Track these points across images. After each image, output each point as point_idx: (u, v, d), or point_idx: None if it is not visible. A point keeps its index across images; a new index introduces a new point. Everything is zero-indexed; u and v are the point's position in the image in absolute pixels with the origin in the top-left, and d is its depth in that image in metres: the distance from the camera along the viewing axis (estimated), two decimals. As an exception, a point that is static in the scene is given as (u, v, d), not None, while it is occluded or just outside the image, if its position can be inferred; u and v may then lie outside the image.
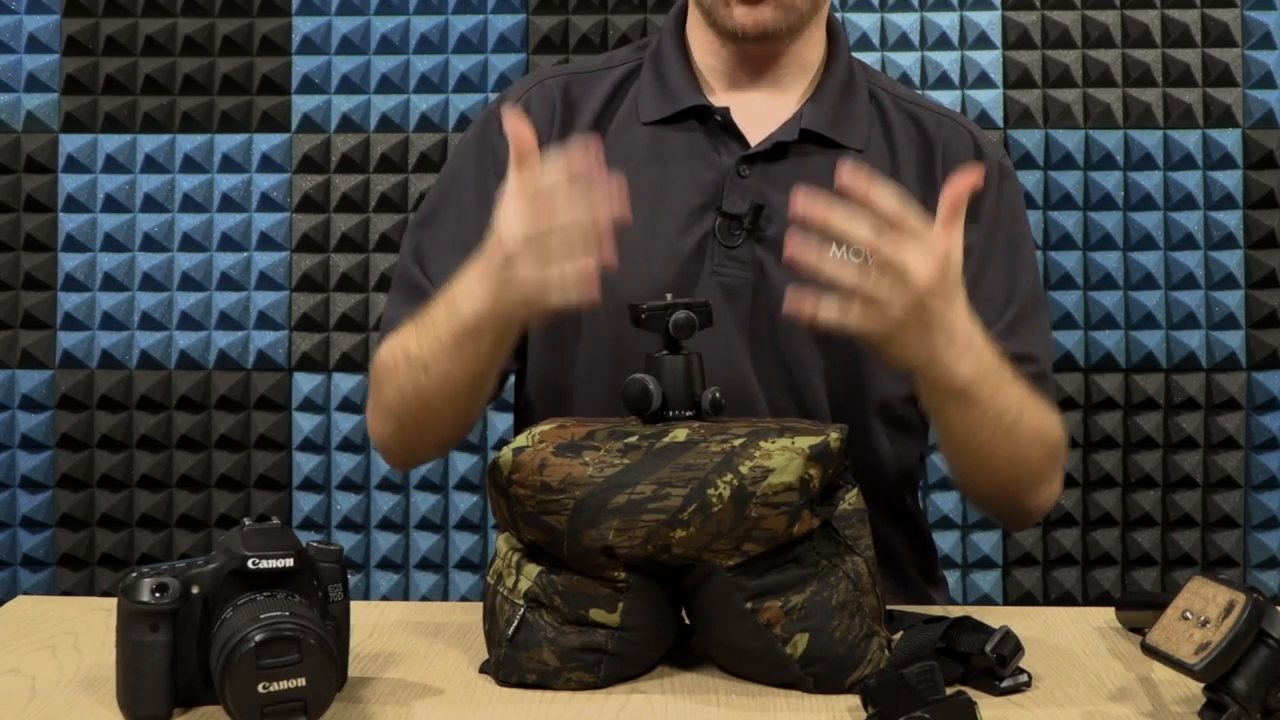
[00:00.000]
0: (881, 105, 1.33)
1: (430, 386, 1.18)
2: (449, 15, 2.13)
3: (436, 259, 1.29)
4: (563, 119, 1.32)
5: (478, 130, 1.36)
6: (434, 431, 1.27)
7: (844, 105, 1.31)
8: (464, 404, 1.22)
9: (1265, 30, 2.05)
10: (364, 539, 2.14)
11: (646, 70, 1.34)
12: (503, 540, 1.04)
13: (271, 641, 0.86)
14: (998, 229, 1.30)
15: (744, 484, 0.94)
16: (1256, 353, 2.05)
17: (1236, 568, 2.06)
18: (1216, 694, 0.88)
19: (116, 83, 2.14)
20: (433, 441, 1.31)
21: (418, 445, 1.31)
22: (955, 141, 1.32)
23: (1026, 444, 1.19)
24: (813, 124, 1.28)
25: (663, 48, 1.34)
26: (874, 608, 0.99)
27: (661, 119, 1.31)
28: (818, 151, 1.29)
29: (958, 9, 2.10)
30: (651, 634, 1.00)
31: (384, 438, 1.30)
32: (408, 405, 1.22)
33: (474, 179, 1.32)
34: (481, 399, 1.24)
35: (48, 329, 2.14)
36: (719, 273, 1.26)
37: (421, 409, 1.22)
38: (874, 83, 1.35)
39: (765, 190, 1.27)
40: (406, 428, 1.26)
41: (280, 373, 2.13)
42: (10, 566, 2.15)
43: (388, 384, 1.24)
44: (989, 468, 1.20)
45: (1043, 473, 1.25)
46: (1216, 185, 2.05)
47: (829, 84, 1.31)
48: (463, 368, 1.15)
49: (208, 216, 2.14)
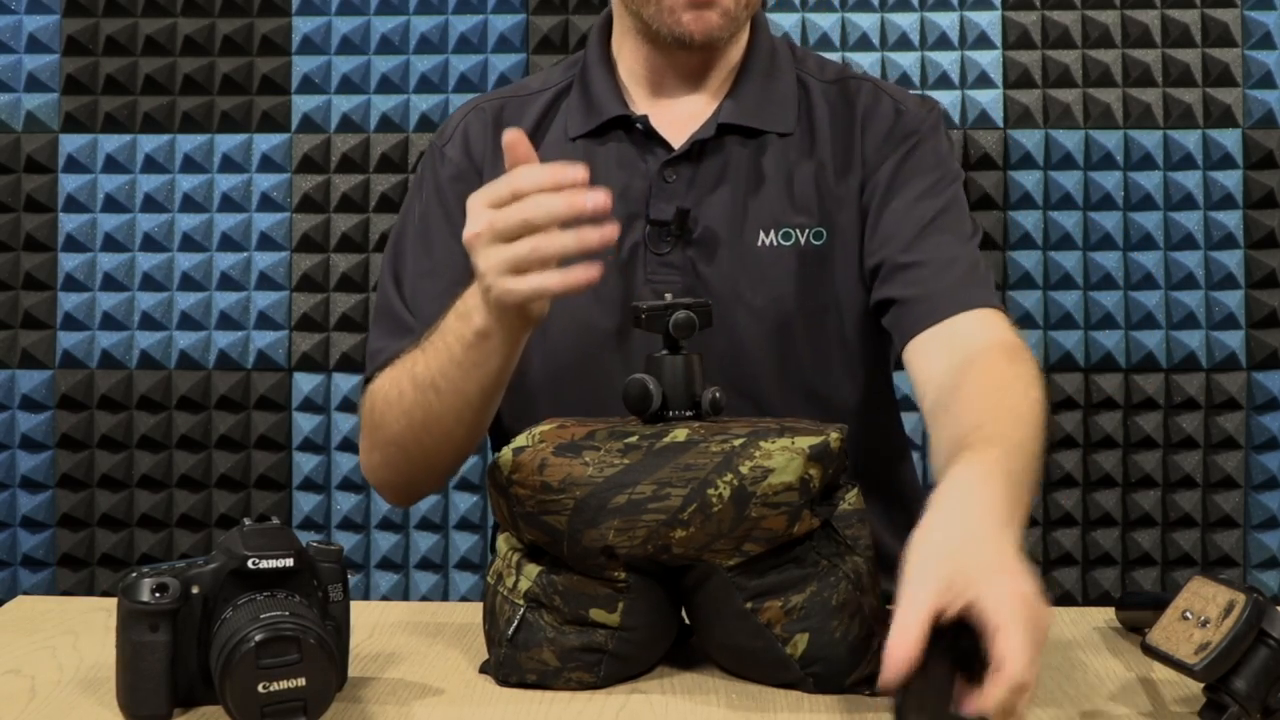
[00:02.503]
0: (807, 88, 1.34)
1: (441, 405, 1.17)
2: (449, 15, 2.13)
3: (416, 290, 1.31)
4: (494, 143, 1.33)
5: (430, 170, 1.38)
6: (442, 457, 1.25)
7: (766, 93, 1.32)
8: (474, 421, 1.20)
9: (1265, 30, 2.05)
10: (364, 539, 2.14)
11: (575, 86, 1.36)
12: (503, 540, 1.04)
13: (271, 641, 0.86)
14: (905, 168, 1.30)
15: (744, 484, 0.94)
16: (1256, 353, 2.05)
17: (1236, 568, 2.06)
18: (1216, 694, 0.88)
19: (116, 83, 2.14)
20: (439, 469, 1.28)
21: (421, 476, 1.29)
22: (876, 106, 1.32)
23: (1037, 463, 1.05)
24: (730, 117, 1.30)
25: (588, 62, 1.36)
26: (874, 608, 0.99)
27: (587, 132, 1.32)
28: (739, 143, 1.30)
29: (958, 9, 2.10)
30: (651, 634, 1.00)
31: (386, 474, 1.29)
32: (416, 432, 1.21)
33: (438, 214, 1.34)
34: (488, 416, 1.22)
35: (48, 329, 2.14)
36: (652, 280, 1.27)
37: (430, 433, 1.21)
38: (802, 67, 1.36)
39: (690, 192, 1.28)
40: (414, 457, 1.24)
41: (280, 373, 2.13)
42: (10, 566, 2.15)
43: (390, 416, 1.23)
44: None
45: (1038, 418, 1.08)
46: (1216, 185, 2.05)
47: (748, 75, 1.32)
48: (476, 381, 1.14)
49: (208, 216, 2.14)
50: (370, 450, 1.29)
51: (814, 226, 1.28)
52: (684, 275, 1.28)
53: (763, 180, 1.29)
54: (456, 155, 1.36)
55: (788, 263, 1.28)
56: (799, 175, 1.30)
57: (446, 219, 1.32)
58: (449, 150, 1.36)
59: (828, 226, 1.29)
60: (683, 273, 1.28)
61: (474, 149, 1.35)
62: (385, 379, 1.25)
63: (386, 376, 1.25)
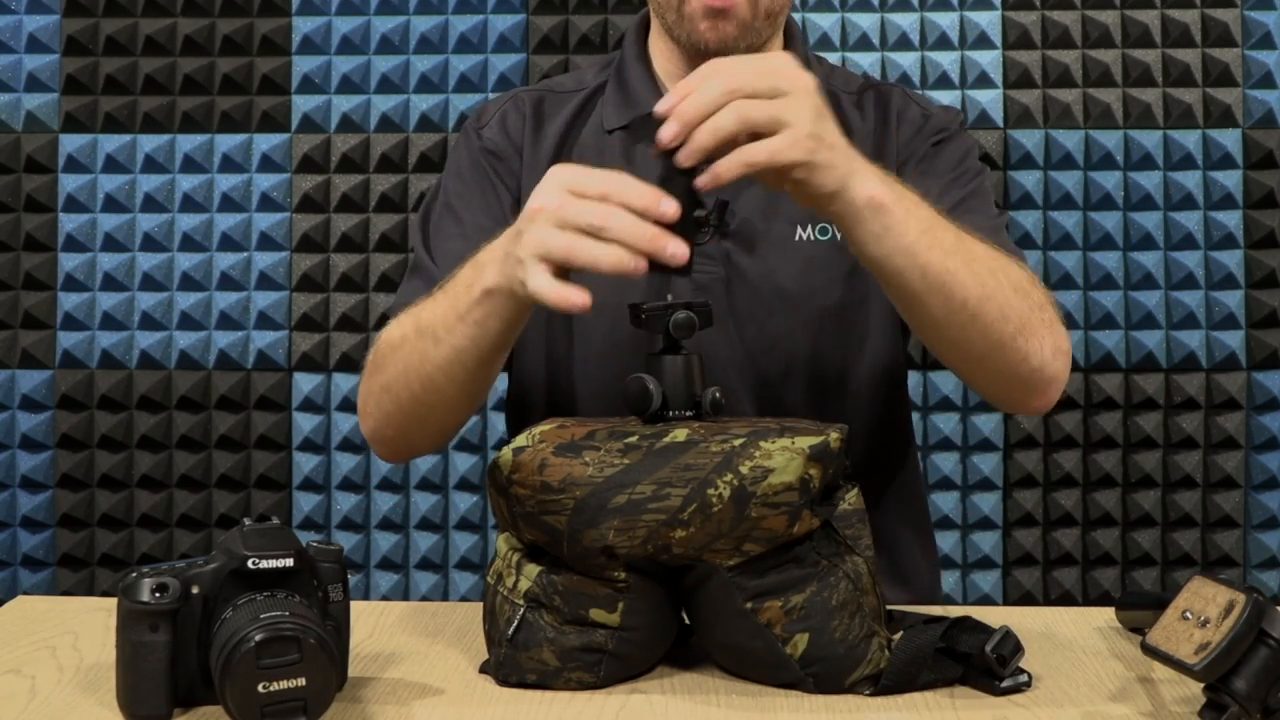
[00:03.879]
0: (836, 99, 1.37)
1: (438, 355, 1.16)
2: (449, 15, 2.13)
3: (446, 253, 1.31)
4: (533, 132, 1.38)
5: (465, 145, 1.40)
6: (432, 412, 1.23)
7: None
8: (466, 381, 1.18)
9: (1265, 30, 2.05)
10: (364, 539, 2.14)
11: (610, 82, 1.39)
12: (503, 540, 1.04)
13: (271, 641, 0.86)
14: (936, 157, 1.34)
15: (744, 484, 0.94)
16: (1256, 353, 2.05)
17: (1236, 568, 2.06)
18: (1216, 694, 0.88)
19: (116, 83, 2.14)
20: (430, 427, 1.26)
21: (414, 432, 1.27)
22: (907, 109, 1.38)
23: (985, 269, 1.12)
24: None
25: (625, 58, 1.39)
26: (874, 608, 0.99)
27: (625, 124, 1.35)
28: None
29: (958, 9, 2.10)
30: (651, 634, 1.00)
31: (378, 422, 1.27)
32: (410, 379, 1.20)
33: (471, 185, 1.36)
34: (485, 384, 1.21)
35: (48, 329, 2.14)
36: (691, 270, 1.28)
37: (423, 383, 1.19)
38: (829, 82, 1.39)
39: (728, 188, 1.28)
40: (405, 406, 1.23)
41: (280, 373, 2.13)
42: (10, 566, 2.15)
43: (390, 359, 1.22)
44: (960, 302, 1.11)
45: (1026, 312, 1.16)
46: (1216, 185, 2.05)
47: None
48: (472, 339, 1.12)
49: (208, 216, 2.14)
50: (366, 397, 1.28)
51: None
52: (722, 266, 1.31)
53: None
54: (494, 134, 1.38)
55: (824, 256, 1.32)
56: None
57: (480, 190, 1.34)
58: (486, 131, 1.39)
59: None
60: (720, 263, 1.31)
61: (512, 131, 1.38)
62: (395, 323, 1.24)
63: (396, 321, 1.24)
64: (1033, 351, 1.17)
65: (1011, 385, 1.21)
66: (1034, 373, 1.19)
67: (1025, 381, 1.20)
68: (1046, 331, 1.18)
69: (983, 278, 1.12)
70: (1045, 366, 1.19)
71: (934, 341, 1.18)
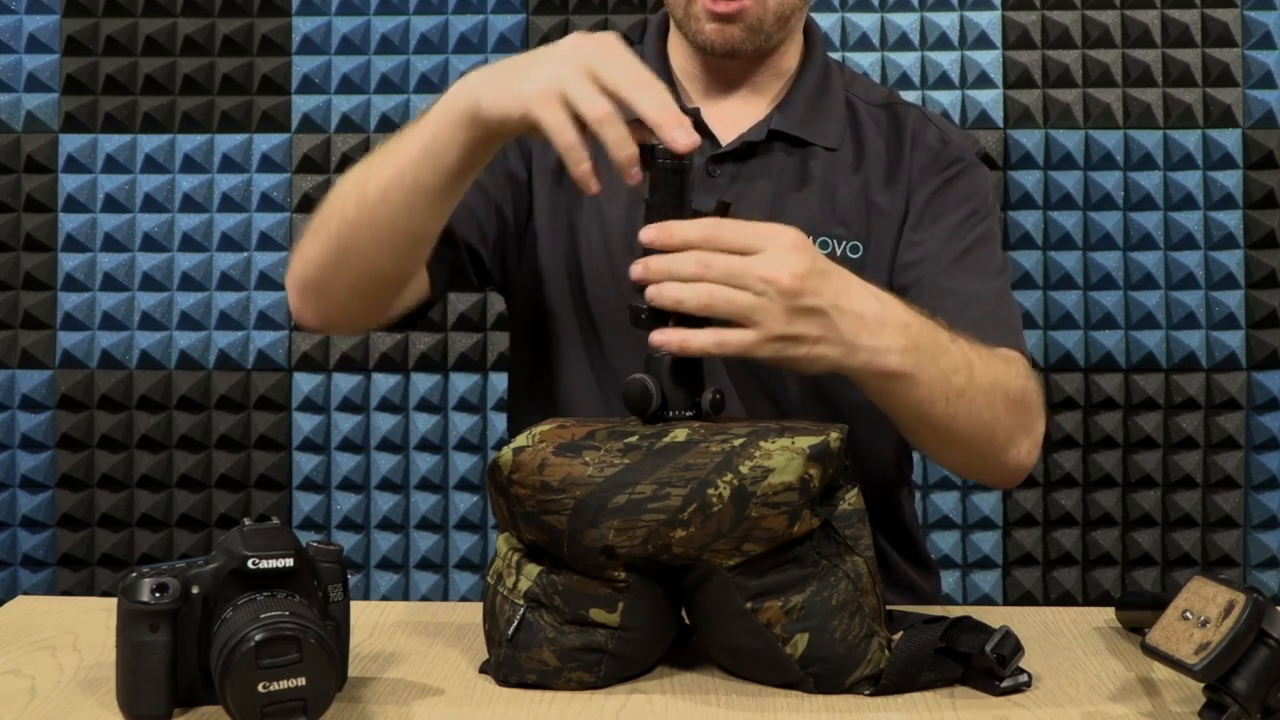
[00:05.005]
0: (854, 108, 1.36)
1: (378, 179, 1.10)
2: (449, 15, 2.13)
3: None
4: None
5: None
6: (358, 251, 1.15)
7: (816, 107, 1.34)
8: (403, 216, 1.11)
9: (1265, 30, 2.05)
10: (364, 539, 2.14)
11: None
12: (503, 540, 1.04)
13: (271, 641, 0.86)
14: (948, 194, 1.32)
15: (744, 484, 0.94)
16: (1256, 353, 2.06)
17: (1236, 568, 2.06)
18: (1216, 694, 0.88)
19: (116, 83, 2.14)
20: (353, 271, 1.17)
21: (337, 277, 1.18)
22: (923, 133, 1.35)
23: (985, 402, 1.13)
24: (781, 125, 1.32)
25: (644, 55, 1.38)
26: (874, 608, 0.99)
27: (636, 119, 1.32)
28: (786, 151, 1.32)
29: (958, 9, 2.10)
30: (651, 634, 1.00)
31: (303, 264, 1.20)
32: (345, 207, 1.13)
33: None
34: (419, 232, 1.14)
35: (48, 329, 2.14)
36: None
37: (358, 208, 1.12)
38: (850, 89, 1.38)
39: (732, 188, 1.29)
40: (334, 238, 1.15)
41: (280, 373, 2.13)
42: (10, 566, 2.15)
43: (333, 194, 1.17)
44: (952, 437, 1.15)
45: (1014, 426, 1.18)
46: (1216, 185, 2.05)
47: (801, 87, 1.35)
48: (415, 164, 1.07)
49: (208, 216, 2.14)
50: (299, 240, 1.21)
51: (851, 240, 1.29)
52: None
53: (805, 188, 1.31)
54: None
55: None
56: (842, 188, 1.31)
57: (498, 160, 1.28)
58: None
59: (865, 241, 1.30)
60: None
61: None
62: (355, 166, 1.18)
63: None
64: (1010, 457, 1.20)
65: (980, 477, 1.28)
66: (1007, 472, 1.24)
67: (995, 477, 1.25)
68: (1027, 436, 1.20)
69: (980, 411, 1.13)
70: (1020, 466, 1.23)
71: (915, 443, 1.21)
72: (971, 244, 1.29)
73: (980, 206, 1.33)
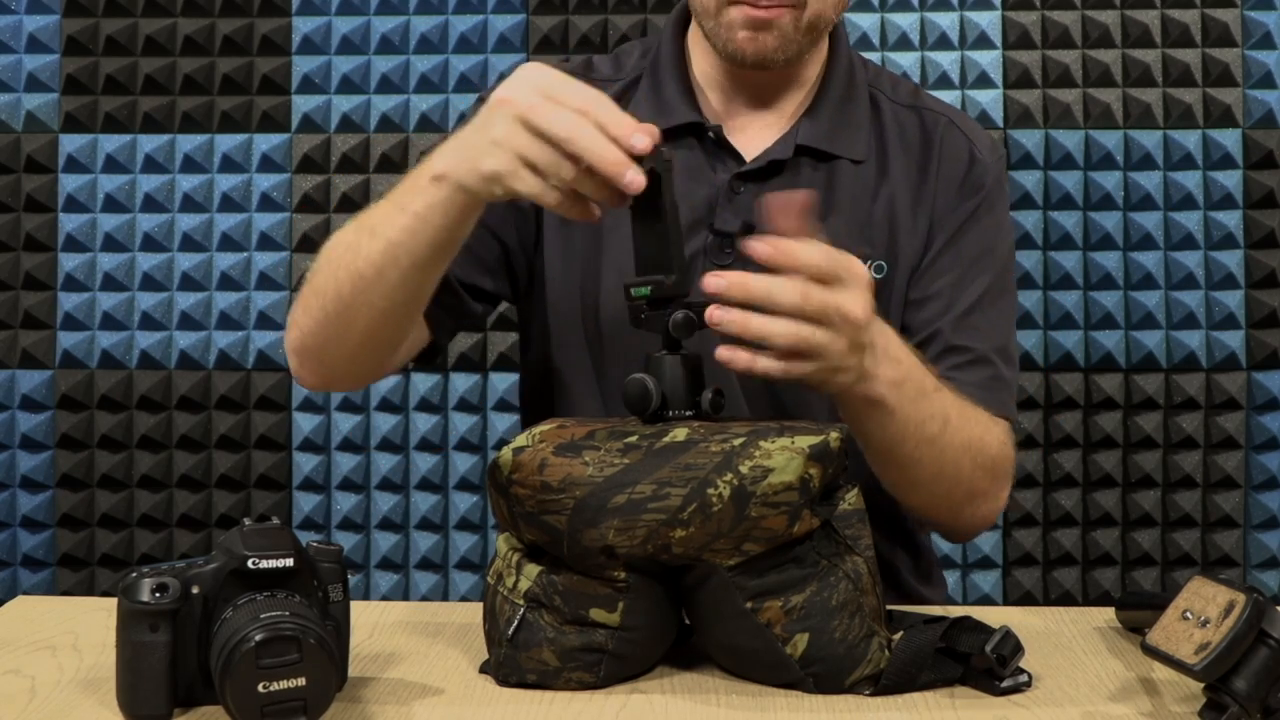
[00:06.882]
0: (879, 107, 1.33)
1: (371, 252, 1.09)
2: (449, 15, 2.13)
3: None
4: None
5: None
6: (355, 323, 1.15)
7: (842, 116, 1.31)
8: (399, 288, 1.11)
9: (1265, 30, 2.05)
10: (364, 539, 2.14)
11: (645, 80, 1.33)
12: (503, 540, 1.04)
13: (271, 641, 0.86)
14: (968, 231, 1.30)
15: (744, 484, 0.94)
16: (1256, 353, 2.06)
17: (1236, 568, 2.06)
18: (1216, 694, 0.88)
19: (116, 83, 2.14)
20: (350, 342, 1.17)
21: (334, 346, 1.18)
22: (951, 146, 1.32)
23: (955, 456, 1.16)
24: (808, 139, 1.28)
25: (661, 58, 1.34)
26: (874, 608, 0.99)
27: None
28: (812, 166, 1.29)
29: (958, 9, 2.10)
30: (651, 634, 1.00)
31: (301, 330, 1.20)
32: (339, 278, 1.13)
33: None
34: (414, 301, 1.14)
35: (48, 329, 2.14)
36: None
37: (353, 282, 1.12)
38: (875, 84, 1.35)
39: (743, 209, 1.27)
40: (330, 310, 1.15)
41: (280, 373, 2.13)
42: (10, 566, 2.15)
43: (326, 260, 1.16)
44: (912, 479, 1.18)
45: (976, 487, 1.21)
46: (1216, 185, 2.05)
47: (827, 96, 1.31)
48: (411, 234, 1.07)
49: (208, 216, 2.14)
50: (295, 304, 1.21)
51: (877, 259, 1.28)
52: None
53: (832, 207, 1.28)
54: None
55: None
56: (868, 206, 1.29)
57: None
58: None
59: (890, 260, 1.28)
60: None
61: None
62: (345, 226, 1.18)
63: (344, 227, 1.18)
64: (965, 515, 1.23)
65: (935, 525, 1.31)
66: (959, 526, 1.27)
67: (947, 529, 1.29)
68: (986, 501, 1.23)
69: (944, 463, 1.16)
70: (972, 526, 1.27)
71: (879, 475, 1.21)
72: (982, 295, 1.28)
73: (997, 245, 1.31)
